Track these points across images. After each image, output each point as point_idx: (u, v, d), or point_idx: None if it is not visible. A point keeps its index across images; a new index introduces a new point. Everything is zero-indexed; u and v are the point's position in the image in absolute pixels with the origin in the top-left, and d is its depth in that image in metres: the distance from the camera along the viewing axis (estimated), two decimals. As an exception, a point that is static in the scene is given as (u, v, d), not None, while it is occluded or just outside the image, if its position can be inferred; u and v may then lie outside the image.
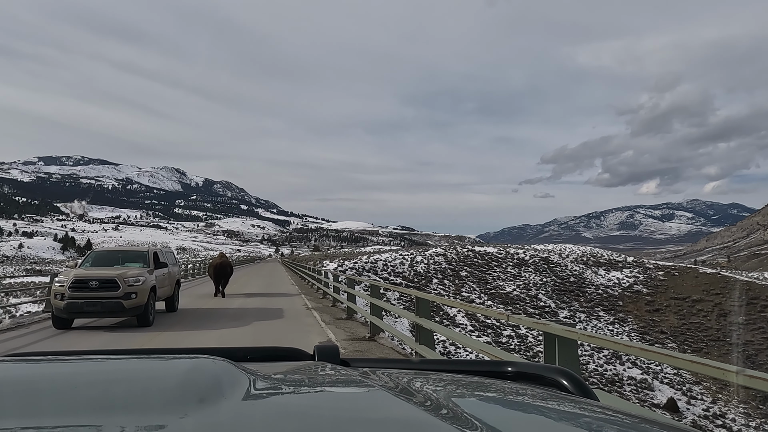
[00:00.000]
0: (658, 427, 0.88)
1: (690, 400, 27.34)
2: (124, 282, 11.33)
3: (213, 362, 1.06)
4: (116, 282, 11.27)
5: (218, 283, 19.48)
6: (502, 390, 1.11)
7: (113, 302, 11.17)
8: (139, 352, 1.38)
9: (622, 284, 39.36)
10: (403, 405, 0.91)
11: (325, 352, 1.39)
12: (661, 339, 33.40)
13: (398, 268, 38.12)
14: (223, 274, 19.46)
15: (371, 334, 11.09)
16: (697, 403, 27.20)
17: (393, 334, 10.24)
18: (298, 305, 17.17)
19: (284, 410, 0.89)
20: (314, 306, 16.78)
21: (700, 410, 26.44)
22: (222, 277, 19.44)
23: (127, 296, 11.28)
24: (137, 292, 11.45)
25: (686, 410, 26.33)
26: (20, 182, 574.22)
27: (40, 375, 1.04)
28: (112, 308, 11.22)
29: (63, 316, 11.32)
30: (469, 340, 6.91)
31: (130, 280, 11.44)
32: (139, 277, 11.67)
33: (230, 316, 13.94)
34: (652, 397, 26.37)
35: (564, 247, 48.25)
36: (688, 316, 35.33)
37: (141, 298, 11.54)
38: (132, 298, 11.34)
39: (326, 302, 18.40)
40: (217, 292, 19.43)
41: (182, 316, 14.06)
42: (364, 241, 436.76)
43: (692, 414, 25.89)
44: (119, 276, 11.42)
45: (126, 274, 11.59)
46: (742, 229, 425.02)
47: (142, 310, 11.65)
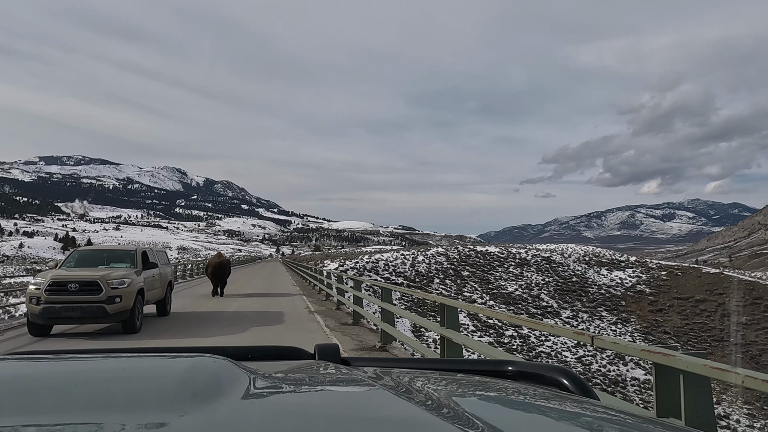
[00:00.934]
0: (658, 427, 0.88)
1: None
2: (107, 284, 10.40)
3: (213, 361, 1.06)
4: (98, 284, 10.34)
5: (216, 284, 19.32)
6: (502, 389, 1.11)
7: (95, 307, 10.23)
8: (138, 350, 1.36)
9: (624, 284, 39.19)
10: (403, 404, 0.91)
11: (325, 351, 1.39)
12: (665, 339, 33.21)
13: (400, 268, 37.96)
14: (221, 274, 19.29)
15: (382, 342, 10.32)
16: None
17: (410, 345, 9.21)
18: (300, 308, 16.51)
19: (284, 409, 0.89)
20: (317, 309, 16.07)
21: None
22: (220, 277, 19.29)
23: (110, 300, 10.36)
24: (122, 296, 10.54)
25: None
26: (21, 182, 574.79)
27: (39, 373, 1.04)
28: (93, 313, 10.27)
29: (39, 323, 10.33)
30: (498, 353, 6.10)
31: (114, 282, 10.54)
32: (124, 279, 10.77)
33: (226, 320, 13.12)
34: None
35: (566, 246, 48.06)
36: (691, 316, 35.14)
37: (126, 302, 10.63)
38: (116, 302, 10.42)
39: (329, 305, 17.62)
40: (216, 293, 19.27)
41: (174, 320, 13.18)
42: (365, 241, 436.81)
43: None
44: (102, 278, 10.47)
45: (110, 276, 10.64)
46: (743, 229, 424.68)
47: (128, 316, 10.72)
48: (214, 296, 19.08)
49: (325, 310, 15.81)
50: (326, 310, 16.11)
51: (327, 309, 16.30)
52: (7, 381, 0.96)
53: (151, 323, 12.43)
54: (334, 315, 14.89)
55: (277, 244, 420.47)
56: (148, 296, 12.09)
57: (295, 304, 17.64)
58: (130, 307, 10.78)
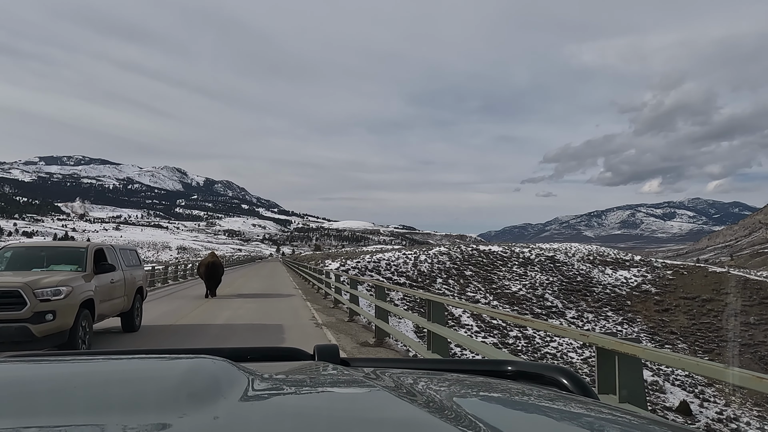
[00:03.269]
0: (658, 426, 0.89)
1: (703, 403, 26.66)
2: (33, 295, 7.47)
3: (212, 362, 1.06)
4: (20, 295, 7.40)
5: (209, 284, 18.91)
6: (502, 389, 1.11)
7: (14, 328, 7.29)
8: (137, 352, 1.33)
9: (630, 283, 38.66)
10: (403, 405, 0.92)
11: (325, 352, 1.37)
12: (671, 340, 32.68)
13: (402, 268, 37.44)
14: (213, 273, 18.88)
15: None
16: (710, 406, 26.51)
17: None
18: (304, 318, 13.96)
19: (283, 410, 0.89)
20: (326, 321, 13.50)
21: (714, 413, 25.74)
22: (213, 278, 18.89)
23: (38, 317, 7.45)
24: (57, 311, 7.63)
25: (699, 413, 25.63)
26: (21, 182, 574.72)
27: (37, 375, 1.03)
28: (11, 335, 7.28)
29: None
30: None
31: (46, 292, 7.61)
32: (60, 288, 7.81)
33: (211, 338, 10.62)
34: (664, 399, 25.66)
35: (570, 245, 47.52)
36: (698, 316, 34.61)
37: (63, 320, 7.78)
38: (47, 321, 7.53)
39: (340, 314, 14.84)
40: (208, 294, 18.84)
41: (143, 338, 10.54)
42: (365, 241, 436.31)
43: (705, 417, 25.19)
44: (26, 286, 7.49)
45: (39, 283, 7.68)
46: (744, 228, 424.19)
47: (66, 338, 7.82)
48: (207, 297, 18.57)
49: (335, 322, 13.28)
50: (337, 321, 13.58)
51: (338, 321, 13.75)
52: (6, 383, 0.95)
53: (112, 343, 10.00)
54: (348, 329, 12.38)
55: (277, 244, 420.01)
56: (104, 309, 9.43)
57: (299, 313, 15.06)
58: (70, 327, 7.94)
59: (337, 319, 13.87)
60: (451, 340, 6.95)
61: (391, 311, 10.18)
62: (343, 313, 14.90)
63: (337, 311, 15.53)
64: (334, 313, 15.07)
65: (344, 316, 14.25)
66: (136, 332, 11.14)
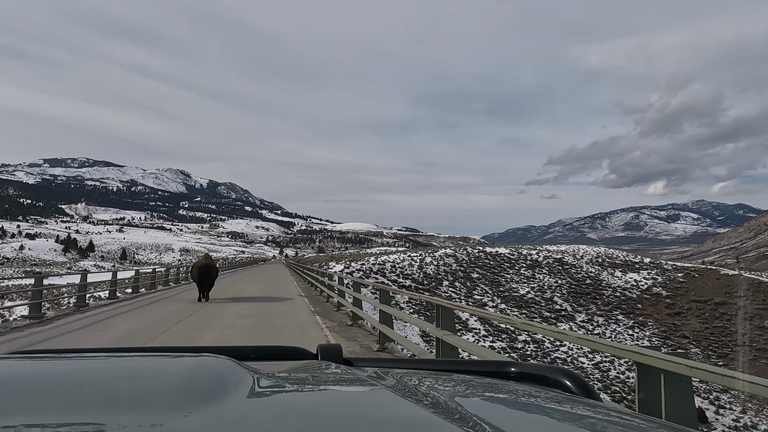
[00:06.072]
0: (661, 428, 0.89)
1: (718, 410, 25.85)
2: None
3: (217, 361, 1.07)
4: None
5: (202, 287, 18.32)
6: (505, 390, 1.11)
7: None
8: (143, 350, 1.32)
9: (640, 286, 37.87)
10: (406, 404, 0.92)
11: (328, 352, 1.38)
12: (684, 344, 31.86)
13: (407, 270, 36.74)
14: (206, 276, 18.28)
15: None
16: (726, 413, 25.71)
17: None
18: (315, 337, 10.59)
19: (288, 408, 0.89)
20: (343, 340, 10.46)
21: (730, 420, 24.95)
22: (206, 280, 18.30)
23: None
24: None
25: (715, 420, 24.83)
26: (25, 184, 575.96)
27: (44, 372, 1.03)
28: None
29: None
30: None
31: None
32: None
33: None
34: (678, 406, 24.90)
35: (578, 247, 46.70)
36: (710, 319, 33.80)
37: None
38: None
39: (357, 331, 11.63)
40: (201, 297, 18.27)
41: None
42: (369, 243, 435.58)
43: (722, 425, 24.39)
44: None
45: None
46: (749, 230, 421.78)
47: None
48: (199, 301, 17.97)
49: (361, 351, 9.48)
50: (355, 339, 10.63)
51: (356, 337, 10.89)
52: (14, 380, 0.95)
53: None
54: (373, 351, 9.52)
55: (280, 246, 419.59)
56: None
57: (306, 331, 11.39)
58: None
59: (352, 336, 11.05)
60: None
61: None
62: (367, 334, 11.31)
63: (356, 330, 11.97)
64: (355, 334, 11.33)
65: (370, 340, 10.54)
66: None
